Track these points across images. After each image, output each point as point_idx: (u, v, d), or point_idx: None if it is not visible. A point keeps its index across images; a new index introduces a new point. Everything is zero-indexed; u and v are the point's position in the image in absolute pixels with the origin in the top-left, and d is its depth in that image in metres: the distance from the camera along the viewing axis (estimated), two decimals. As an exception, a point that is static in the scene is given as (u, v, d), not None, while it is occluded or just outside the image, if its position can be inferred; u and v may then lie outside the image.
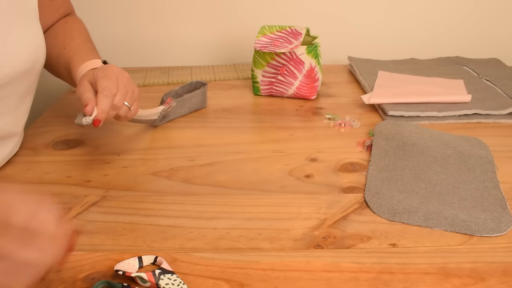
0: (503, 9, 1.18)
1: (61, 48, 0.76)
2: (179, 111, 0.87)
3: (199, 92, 0.88)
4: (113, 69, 0.66)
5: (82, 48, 0.76)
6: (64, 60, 0.75)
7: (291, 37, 0.90)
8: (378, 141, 0.75)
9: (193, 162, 0.72)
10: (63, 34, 0.78)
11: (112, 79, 0.64)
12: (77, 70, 0.72)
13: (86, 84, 0.65)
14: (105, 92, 0.62)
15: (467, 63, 1.09)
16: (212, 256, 0.52)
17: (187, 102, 0.87)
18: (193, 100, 0.88)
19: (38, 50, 0.68)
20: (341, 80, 1.06)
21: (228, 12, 1.17)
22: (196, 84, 0.90)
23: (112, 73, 0.65)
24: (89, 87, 0.65)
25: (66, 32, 0.79)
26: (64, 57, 0.75)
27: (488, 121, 0.84)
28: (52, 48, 0.77)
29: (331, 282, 0.49)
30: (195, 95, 0.88)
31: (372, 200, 0.62)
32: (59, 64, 0.76)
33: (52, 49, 0.77)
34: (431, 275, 0.49)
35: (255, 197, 0.63)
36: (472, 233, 0.55)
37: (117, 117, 0.68)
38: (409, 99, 0.87)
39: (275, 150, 0.75)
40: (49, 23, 0.80)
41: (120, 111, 0.66)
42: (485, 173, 0.66)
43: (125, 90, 0.66)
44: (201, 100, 0.90)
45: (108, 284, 0.48)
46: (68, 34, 0.78)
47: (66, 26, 0.80)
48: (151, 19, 1.17)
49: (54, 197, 0.64)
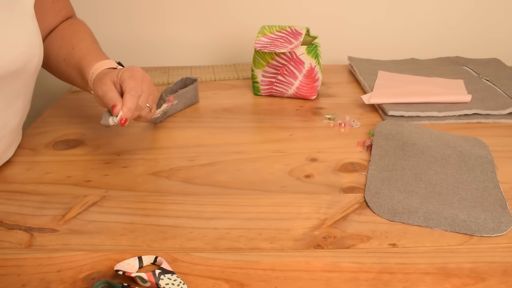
0: (503, 9, 1.18)
1: (69, 49, 0.76)
2: (176, 107, 0.89)
3: (192, 88, 0.91)
4: (139, 70, 0.68)
5: (92, 48, 0.77)
6: (74, 61, 0.75)
7: (291, 37, 0.90)
8: (378, 141, 0.75)
9: (193, 162, 0.72)
10: (70, 35, 0.79)
11: (138, 80, 0.66)
12: (91, 69, 0.72)
13: (109, 84, 0.66)
14: (132, 92, 0.64)
15: (467, 63, 1.09)
16: (212, 256, 0.53)
17: (182, 98, 0.90)
18: (187, 96, 0.91)
19: (31, 50, 0.67)
20: (341, 80, 1.06)
21: (228, 12, 1.17)
22: (186, 80, 0.94)
23: (138, 74, 0.67)
24: (113, 87, 0.66)
25: (73, 33, 0.79)
26: (74, 57, 0.75)
27: (488, 121, 0.84)
28: (60, 49, 0.77)
29: (331, 282, 0.49)
30: (189, 91, 0.91)
31: (372, 200, 0.62)
32: (67, 65, 0.76)
33: (60, 50, 0.77)
34: (431, 275, 0.49)
35: (255, 197, 0.63)
36: (472, 233, 0.55)
37: (138, 118, 0.69)
38: (409, 99, 0.87)
39: (275, 150, 0.75)
40: (52, 25, 0.80)
41: (143, 112, 0.68)
42: (485, 173, 0.66)
43: (148, 92, 0.68)
44: (194, 95, 0.92)
45: (108, 284, 0.48)
46: (76, 36, 0.78)
47: (72, 27, 0.81)
48: (151, 19, 1.18)
49: (54, 197, 0.64)
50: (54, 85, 1.19)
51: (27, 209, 0.61)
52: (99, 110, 0.91)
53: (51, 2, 0.78)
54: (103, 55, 0.76)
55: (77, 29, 0.80)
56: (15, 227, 0.58)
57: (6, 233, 0.57)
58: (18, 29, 0.66)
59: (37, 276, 0.50)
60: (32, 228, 0.58)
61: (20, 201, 0.63)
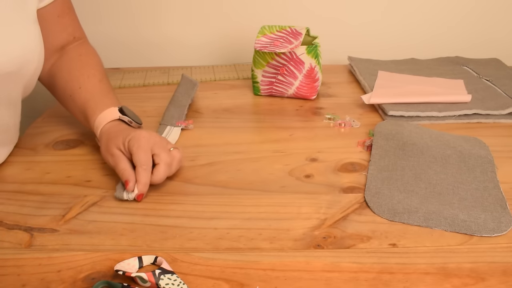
0: (503, 9, 1.18)
1: (76, 87, 0.74)
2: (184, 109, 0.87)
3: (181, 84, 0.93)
4: (144, 137, 0.65)
5: (97, 90, 0.74)
6: (79, 103, 0.74)
7: (291, 37, 0.90)
8: (378, 141, 0.75)
9: (193, 162, 0.72)
10: (78, 70, 0.76)
11: (147, 151, 0.64)
12: (94, 121, 0.71)
13: (118, 153, 0.65)
14: (144, 167, 0.62)
15: (467, 63, 1.09)
16: (212, 256, 0.53)
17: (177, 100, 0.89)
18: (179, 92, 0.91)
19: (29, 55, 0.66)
20: (341, 80, 1.06)
21: (228, 12, 1.17)
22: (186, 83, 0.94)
23: (145, 144, 0.64)
24: (122, 157, 0.65)
25: (81, 68, 0.77)
26: (79, 98, 0.74)
27: (488, 121, 0.84)
28: (67, 84, 0.75)
29: (331, 282, 0.49)
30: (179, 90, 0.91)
31: (372, 200, 0.62)
32: (74, 103, 0.75)
33: (67, 86, 0.75)
34: (431, 275, 0.49)
35: (255, 197, 0.63)
36: (472, 233, 0.55)
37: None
38: (409, 99, 0.87)
39: (275, 150, 0.75)
40: (58, 43, 0.77)
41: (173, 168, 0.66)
42: (485, 173, 0.66)
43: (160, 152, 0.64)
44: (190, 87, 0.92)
45: (108, 284, 0.48)
46: (84, 71, 0.76)
47: (81, 60, 0.78)
48: (151, 19, 1.18)
49: (54, 197, 0.64)
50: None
51: (27, 209, 0.61)
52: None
53: (56, 16, 0.75)
54: (108, 101, 0.73)
55: (86, 63, 0.78)
56: (15, 227, 0.58)
57: (6, 233, 0.57)
58: (17, 32, 0.65)
59: (37, 276, 0.50)
60: (32, 228, 0.58)
61: (20, 201, 0.63)
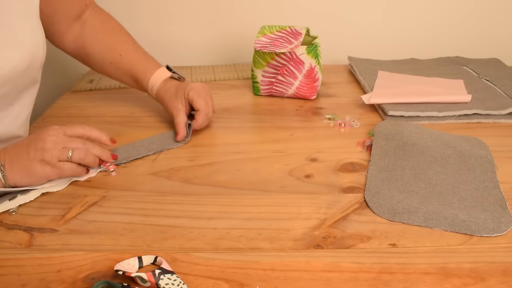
0: (503, 9, 1.18)
1: (116, 55, 0.83)
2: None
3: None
4: (204, 87, 0.80)
5: (138, 54, 0.85)
6: (124, 67, 0.84)
7: (291, 37, 0.90)
8: (378, 141, 0.75)
9: (193, 162, 0.72)
10: (110, 39, 0.84)
11: (206, 98, 0.79)
12: (148, 81, 0.83)
13: (180, 107, 0.78)
14: (204, 112, 0.78)
15: (467, 63, 1.09)
16: (212, 256, 0.52)
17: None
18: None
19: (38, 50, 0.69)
20: (341, 80, 1.06)
21: (228, 12, 1.17)
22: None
23: (203, 92, 0.79)
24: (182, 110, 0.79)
25: (112, 36, 0.85)
26: (123, 64, 0.83)
27: (488, 121, 0.84)
28: (104, 53, 0.83)
29: (331, 282, 0.49)
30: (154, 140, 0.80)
31: (372, 200, 0.62)
32: (117, 69, 0.84)
33: (105, 55, 0.83)
34: (431, 275, 0.49)
35: (255, 197, 0.63)
36: (472, 233, 0.55)
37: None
38: (409, 99, 0.87)
39: (275, 150, 0.75)
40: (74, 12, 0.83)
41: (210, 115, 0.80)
42: (485, 173, 0.66)
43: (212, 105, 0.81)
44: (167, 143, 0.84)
45: (108, 284, 0.48)
46: (117, 38, 0.85)
47: (107, 28, 0.85)
48: (151, 19, 1.18)
49: (54, 197, 0.64)
50: (54, 85, 1.19)
51: (27, 209, 0.61)
52: (99, 110, 0.91)
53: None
54: (152, 62, 0.84)
55: (113, 30, 0.86)
56: (15, 227, 0.58)
57: (6, 233, 0.57)
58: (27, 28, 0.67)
59: (37, 276, 0.50)
60: (32, 228, 0.58)
61: (20, 201, 0.63)
